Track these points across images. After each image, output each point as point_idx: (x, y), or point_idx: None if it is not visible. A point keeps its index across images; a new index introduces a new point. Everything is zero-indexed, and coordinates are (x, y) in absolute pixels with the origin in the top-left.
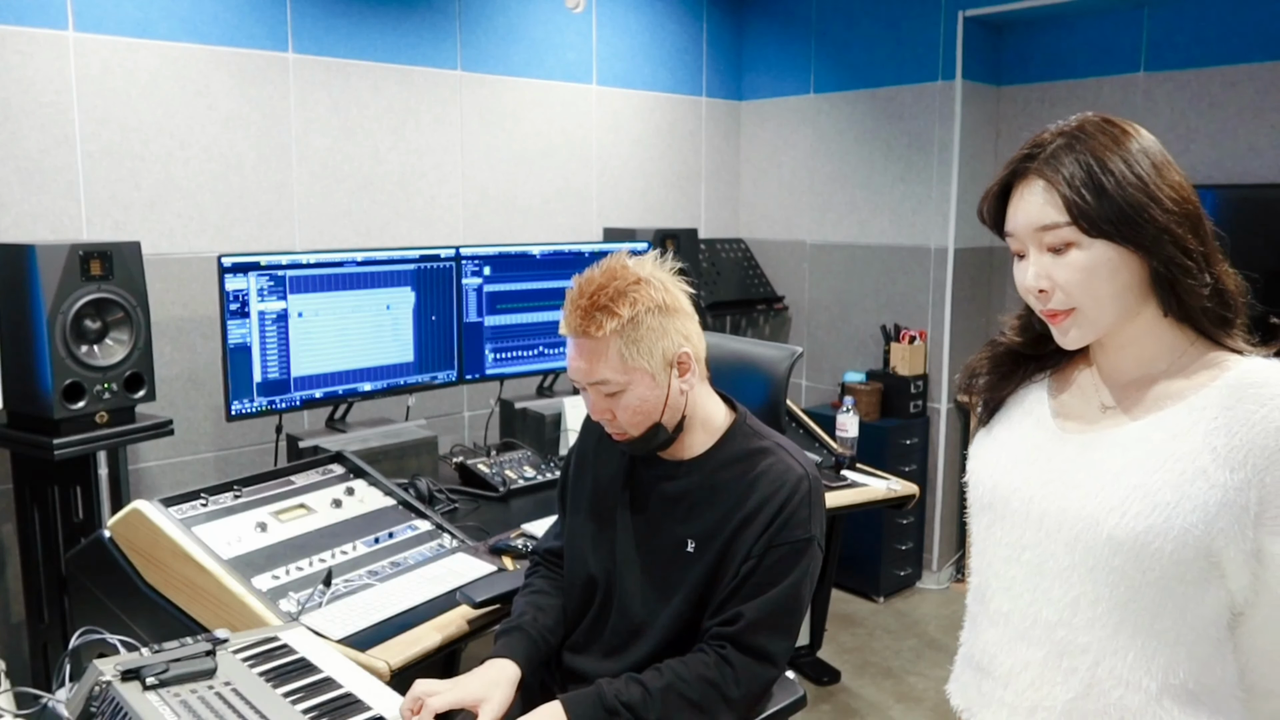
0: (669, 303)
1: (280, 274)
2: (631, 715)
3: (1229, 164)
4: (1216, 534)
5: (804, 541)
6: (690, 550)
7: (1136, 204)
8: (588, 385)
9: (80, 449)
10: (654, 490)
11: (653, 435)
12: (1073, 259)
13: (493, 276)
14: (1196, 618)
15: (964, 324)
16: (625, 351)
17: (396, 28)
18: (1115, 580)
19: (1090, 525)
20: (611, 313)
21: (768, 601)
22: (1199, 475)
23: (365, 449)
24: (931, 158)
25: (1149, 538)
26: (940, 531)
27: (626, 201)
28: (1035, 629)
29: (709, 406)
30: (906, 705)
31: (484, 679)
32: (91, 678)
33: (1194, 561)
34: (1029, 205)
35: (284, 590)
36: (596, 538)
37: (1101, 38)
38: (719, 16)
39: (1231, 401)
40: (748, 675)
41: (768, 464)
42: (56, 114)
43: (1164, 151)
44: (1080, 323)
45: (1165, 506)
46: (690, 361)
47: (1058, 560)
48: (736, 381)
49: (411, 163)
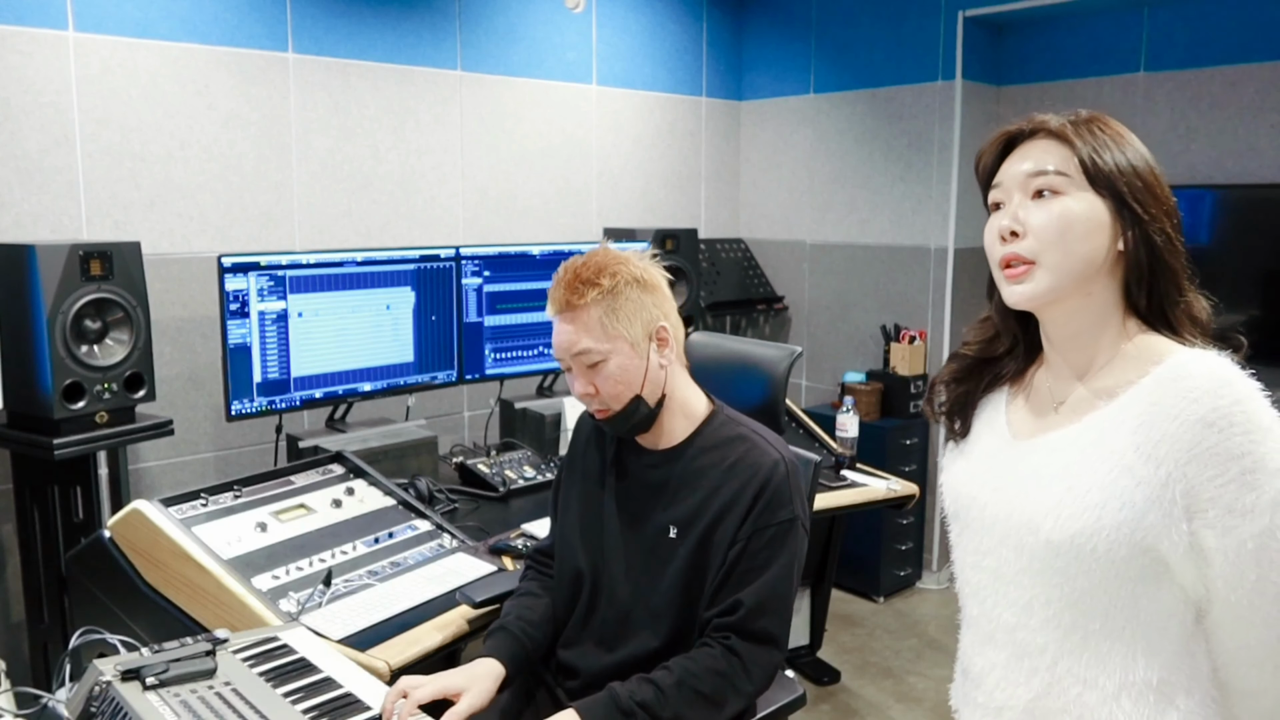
0: (648, 279)
1: (280, 274)
2: (647, 715)
3: (1229, 164)
4: (1148, 530)
5: (789, 522)
6: (672, 536)
7: (1147, 176)
8: (571, 359)
9: (80, 449)
10: (637, 480)
11: (634, 409)
12: (1056, 206)
13: (493, 276)
14: (1152, 615)
15: (964, 324)
16: (606, 320)
17: (396, 28)
18: (1060, 581)
19: (1030, 530)
20: (593, 283)
21: (763, 585)
22: (1124, 472)
23: (365, 449)
24: (931, 158)
25: (1083, 539)
26: (940, 531)
27: (626, 201)
28: (998, 632)
29: (688, 394)
30: (906, 705)
31: (467, 673)
32: (91, 678)
33: (1132, 559)
34: (1032, 154)
35: (284, 590)
36: (585, 531)
37: (1101, 38)
38: (719, 16)
39: (1156, 395)
40: (755, 662)
41: (744, 450)
42: (56, 114)
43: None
44: (1036, 277)
45: (1095, 507)
46: (669, 337)
47: (1010, 565)
48: (735, 381)
49: (411, 163)
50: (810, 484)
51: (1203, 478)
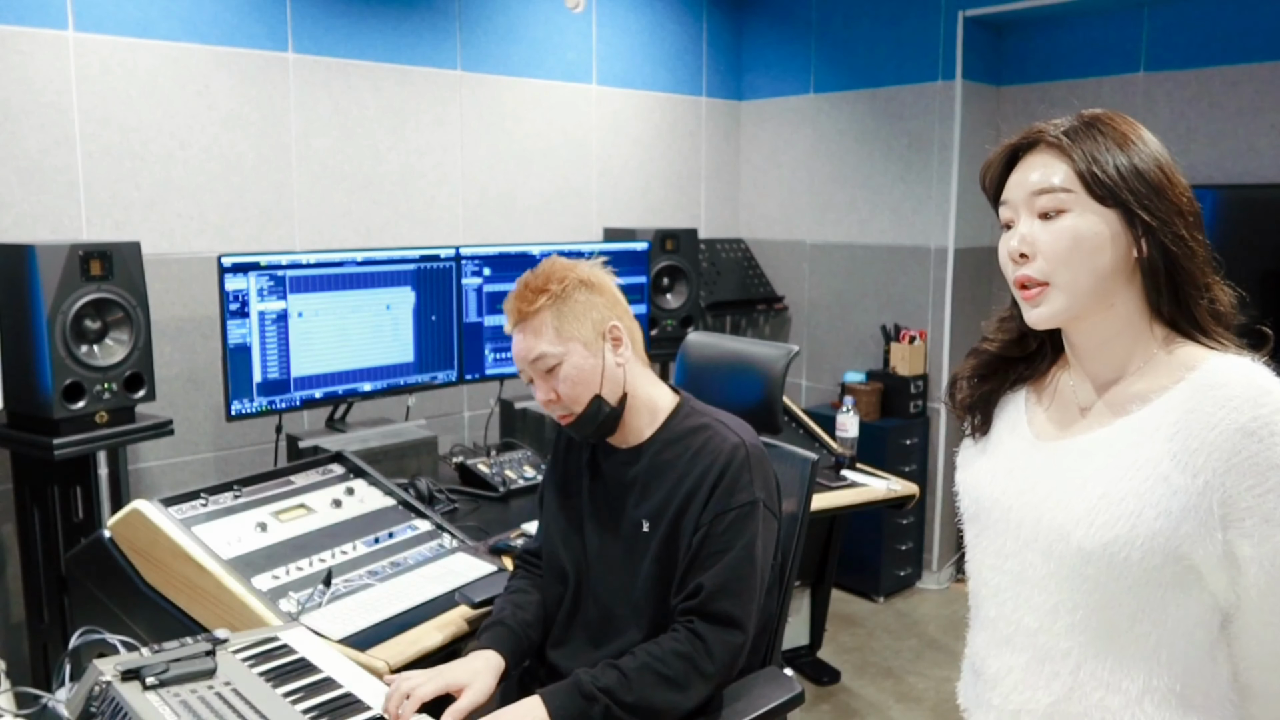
0: (595, 282)
1: (280, 274)
2: (610, 699)
3: (1229, 164)
4: (1183, 539)
5: (749, 505)
6: (646, 530)
7: (1155, 180)
8: (529, 367)
9: (80, 449)
10: (611, 479)
11: (596, 410)
12: (1062, 224)
13: (493, 276)
14: (1179, 621)
15: (964, 324)
16: (557, 323)
17: (396, 28)
18: (1090, 588)
19: (1061, 537)
20: (543, 290)
21: (724, 568)
22: (1160, 481)
23: (365, 449)
24: (931, 158)
25: (1116, 547)
26: (940, 531)
27: (626, 201)
28: (1019, 635)
29: (651, 391)
30: (906, 705)
31: (468, 667)
32: (91, 678)
33: (1165, 567)
34: (1033, 170)
35: (284, 590)
36: (567, 533)
37: (1101, 38)
38: (719, 16)
39: (1193, 403)
40: (718, 644)
41: (706, 438)
42: (56, 114)
43: (1170, 156)
44: (1051, 299)
45: (1130, 515)
46: (622, 335)
47: (1036, 569)
48: (733, 380)
49: (411, 163)
50: (809, 483)
51: (1241, 487)
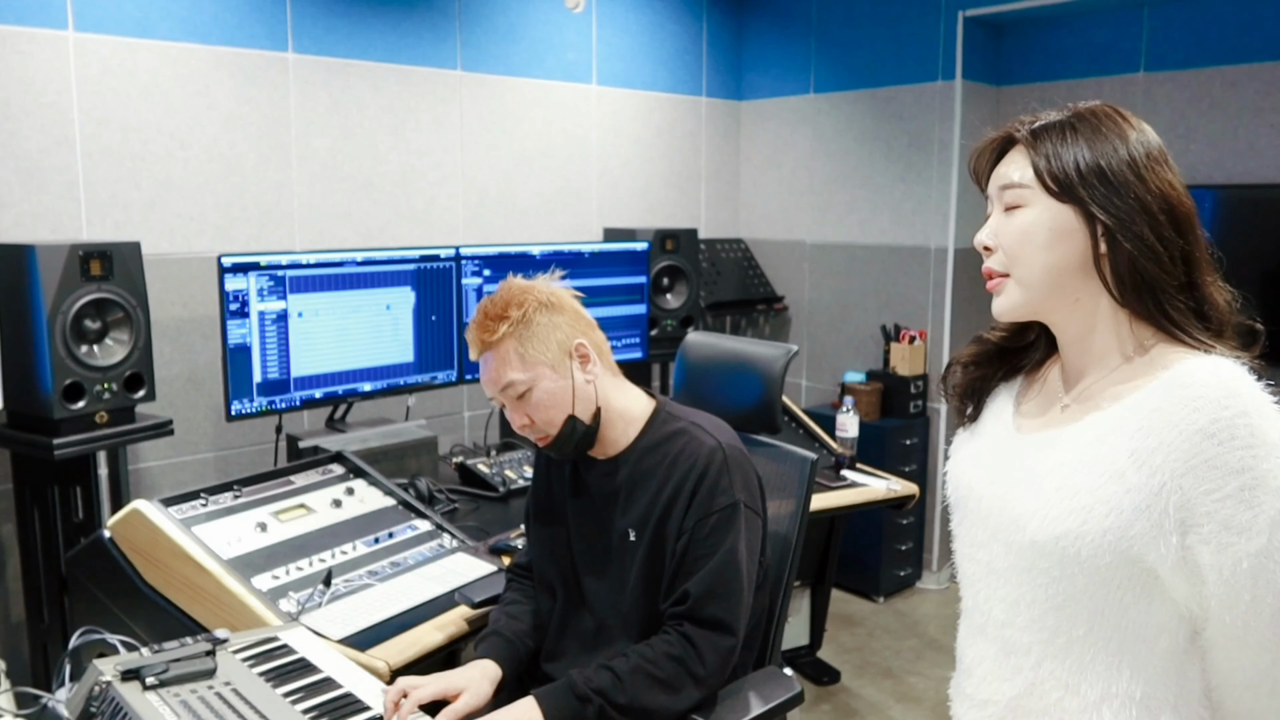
0: (555, 302)
1: (280, 274)
2: (603, 700)
3: (1229, 164)
4: (1134, 539)
5: (730, 508)
6: (632, 539)
7: (1119, 178)
8: (500, 396)
9: (80, 449)
10: (595, 491)
11: (571, 430)
12: (1017, 218)
13: (493, 276)
14: (1141, 628)
15: (964, 324)
16: (521, 349)
17: (396, 27)
18: (1046, 583)
19: (1018, 528)
20: (502, 317)
21: (709, 572)
22: (1115, 478)
23: (365, 449)
24: (931, 158)
25: (1067, 541)
26: (940, 531)
27: (626, 201)
28: (990, 625)
29: (625, 400)
30: (906, 705)
31: (466, 674)
32: (91, 678)
33: (1118, 567)
34: (1006, 165)
35: (284, 590)
36: (554, 547)
37: (1101, 38)
38: (719, 16)
39: (1158, 402)
40: (709, 648)
41: (683, 443)
42: (56, 114)
43: (1165, 151)
44: (1009, 290)
45: (1081, 510)
46: (589, 352)
47: (1001, 560)
48: (732, 380)
49: (411, 163)
50: (808, 483)
51: (1199, 491)
